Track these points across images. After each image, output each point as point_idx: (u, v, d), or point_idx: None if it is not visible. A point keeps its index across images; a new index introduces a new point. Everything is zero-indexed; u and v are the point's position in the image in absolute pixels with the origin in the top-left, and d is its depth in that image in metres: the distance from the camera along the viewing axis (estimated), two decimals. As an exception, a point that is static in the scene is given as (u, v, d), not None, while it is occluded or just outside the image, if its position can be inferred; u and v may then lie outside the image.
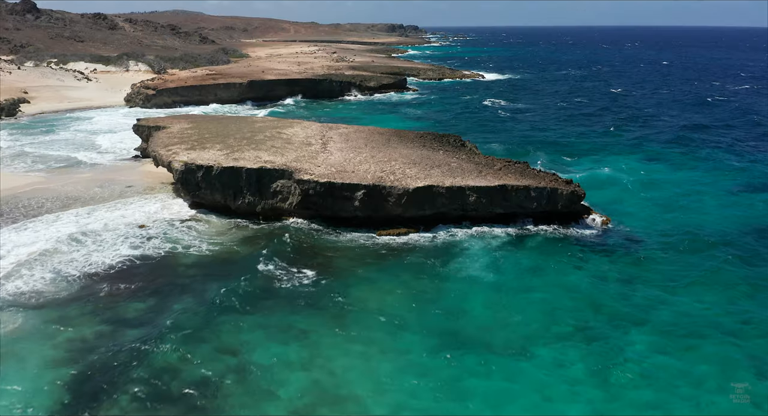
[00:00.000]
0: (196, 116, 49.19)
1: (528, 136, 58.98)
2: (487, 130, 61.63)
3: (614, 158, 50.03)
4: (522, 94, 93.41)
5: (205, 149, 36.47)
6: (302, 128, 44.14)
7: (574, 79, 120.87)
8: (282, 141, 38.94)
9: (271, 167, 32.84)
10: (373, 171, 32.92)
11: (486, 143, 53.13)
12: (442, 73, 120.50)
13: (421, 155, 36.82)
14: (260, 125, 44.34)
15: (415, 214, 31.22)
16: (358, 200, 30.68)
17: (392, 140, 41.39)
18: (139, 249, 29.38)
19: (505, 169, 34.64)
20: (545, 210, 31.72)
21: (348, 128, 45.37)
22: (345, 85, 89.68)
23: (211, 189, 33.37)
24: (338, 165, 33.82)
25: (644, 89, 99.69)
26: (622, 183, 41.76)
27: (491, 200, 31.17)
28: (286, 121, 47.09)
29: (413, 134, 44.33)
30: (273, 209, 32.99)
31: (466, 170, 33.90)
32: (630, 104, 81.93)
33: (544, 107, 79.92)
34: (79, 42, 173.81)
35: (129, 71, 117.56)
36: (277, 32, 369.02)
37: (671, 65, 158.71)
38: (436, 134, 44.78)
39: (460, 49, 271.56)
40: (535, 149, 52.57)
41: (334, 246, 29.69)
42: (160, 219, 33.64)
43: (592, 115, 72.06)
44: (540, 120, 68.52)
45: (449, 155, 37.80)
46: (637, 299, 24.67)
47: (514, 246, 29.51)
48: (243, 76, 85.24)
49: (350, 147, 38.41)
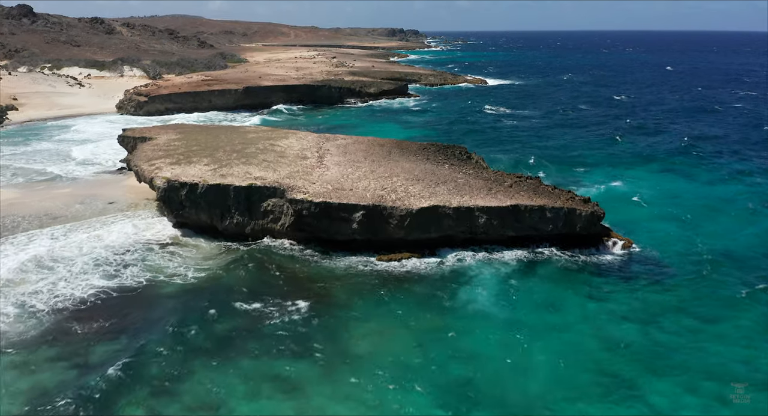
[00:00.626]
0: (185, 126, 46.51)
1: (535, 145, 56.24)
2: (492, 139, 58.92)
3: (626, 169, 47.28)
4: (526, 101, 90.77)
5: (191, 163, 33.72)
6: (297, 140, 41.41)
7: (577, 84, 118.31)
8: (275, 154, 36.19)
9: (261, 185, 30.07)
10: (373, 189, 30.15)
11: (491, 154, 50.39)
12: (444, 78, 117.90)
13: (424, 170, 34.07)
14: (252, 136, 41.61)
15: (419, 237, 28.45)
16: (356, 222, 27.91)
17: (393, 153, 38.67)
18: (116, 279, 26.54)
19: (516, 186, 31.86)
20: (562, 233, 28.94)
21: (346, 139, 42.65)
22: (344, 92, 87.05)
23: (195, 209, 30.60)
24: (335, 182, 31.05)
25: (650, 96, 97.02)
26: (639, 199, 38.98)
27: (503, 221, 28.39)
28: (281, 131, 44.38)
29: (416, 145, 41.60)
30: (264, 231, 30.22)
31: (475, 187, 31.13)
32: (637, 111, 79.25)
33: (549, 114, 77.22)
34: (75, 46, 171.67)
35: (123, 77, 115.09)
36: (276, 37, 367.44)
37: (675, 71, 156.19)
38: (440, 145, 42.05)
39: (461, 53, 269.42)
40: (544, 161, 49.84)
41: (330, 274, 26.88)
42: (141, 242, 30.85)
43: (599, 123, 69.29)
44: (546, 128, 65.79)
45: (455, 169, 35.05)
46: (665, 339, 21.91)
47: (527, 275, 26.69)
48: (239, 83, 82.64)
49: (348, 161, 35.67)
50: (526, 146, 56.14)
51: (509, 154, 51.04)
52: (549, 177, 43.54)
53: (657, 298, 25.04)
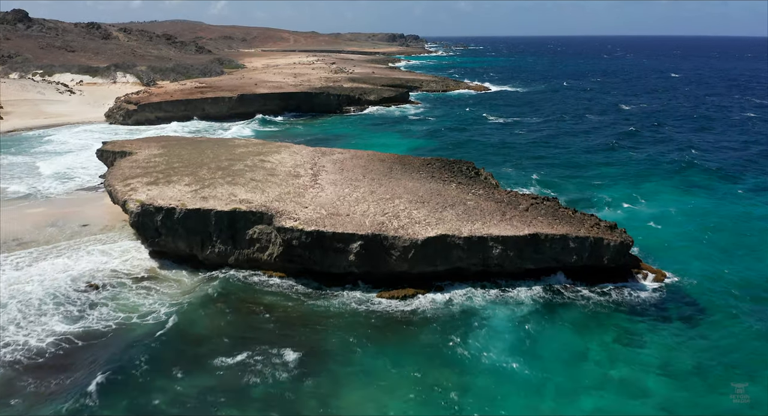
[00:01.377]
0: (169, 139, 43.18)
1: (543, 158, 52.87)
2: (498, 151, 55.56)
3: (642, 184, 43.89)
4: (530, 109, 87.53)
5: (170, 183, 30.34)
6: (290, 154, 38.07)
7: (581, 91, 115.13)
8: (264, 172, 32.82)
9: (246, 210, 26.69)
10: (373, 214, 26.78)
11: (499, 168, 47.08)
12: (446, 84, 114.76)
13: (430, 190, 30.70)
14: (241, 151, 38.27)
15: (424, 270, 25.05)
16: (353, 254, 24.51)
17: (395, 169, 35.33)
18: (81, 322, 23.14)
19: (533, 209, 28.48)
20: (587, 265, 25.54)
21: (344, 153, 39.32)
22: (343, 99, 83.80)
23: (173, 236, 27.21)
24: (330, 205, 27.68)
25: (657, 104, 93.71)
26: (660, 219, 35.61)
27: (520, 253, 25.00)
28: (273, 145, 41.04)
29: (419, 160, 38.25)
30: (249, 261, 26.82)
31: (487, 210, 27.75)
32: (645, 120, 75.89)
33: (557, 123, 73.90)
34: (70, 52, 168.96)
35: (116, 83, 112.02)
36: (276, 42, 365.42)
37: (680, 77, 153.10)
38: (445, 160, 38.70)
39: (462, 59, 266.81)
40: (554, 176, 46.50)
41: (324, 315, 23.45)
42: (114, 273, 27.46)
43: (608, 133, 65.78)
44: (553, 139, 62.42)
45: (463, 188, 31.69)
46: (711, 401, 18.45)
47: (548, 318, 23.22)
48: (233, 90, 79.40)
49: (345, 179, 32.31)
50: (534, 158, 52.76)
51: (517, 168, 47.67)
52: (561, 194, 40.21)
53: (701, 344, 21.63)
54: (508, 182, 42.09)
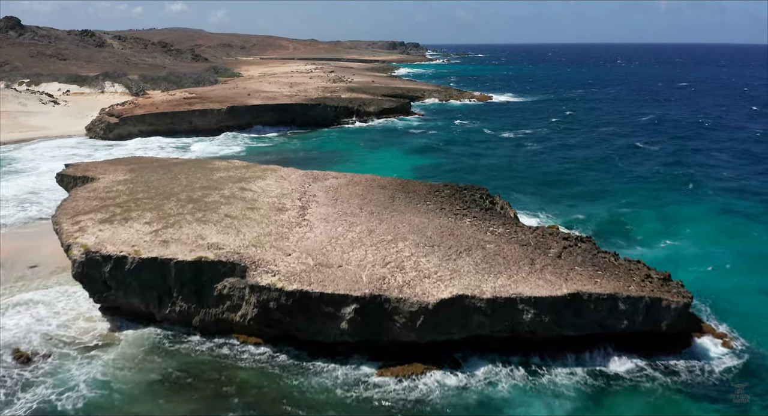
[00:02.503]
0: (141, 161, 38.09)
1: (561, 179, 47.68)
2: (511, 170, 50.41)
3: (684, 213, 38.66)
4: (539, 120, 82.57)
5: (128, 221, 25.21)
6: (277, 180, 32.96)
7: (590, 101, 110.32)
8: (243, 205, 27.69)
9: (214, 259, 21.54)
10: (371, 263, 21.63)
11: (513, 191, 42.00)
12: (449, 94, 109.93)
13: (440, 228, 25.58)
14: (220, 176, 33.16)
15: (436, 339, 19.88)
16: (346, 321, 19.34)
17: (398, 199, 30.22)
18: (7, 410, 17.93)
19: (567, 254, 23.34)
20: (640, 331, 20.36)
21: (338, 178, 34.22)
22: (341, 111, 78.80)
23: (124, 291, 22.05)
24: (318, 252, 22.54)
25: (676, 116, 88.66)
26: (714, 259, 30.38)
27: (558, 317, 19.82)
28: (258, 168, 35.92)
29: (425, 187, 33.15)
30: (218, 323, 21.65)
31: (511, 257, 22.61)
32: (665, 135, 70.83)
33: (569, 137, 68.89)
34: (61, 60, 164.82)
35: (104, 93, 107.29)
36: (275, 50, 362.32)
37: (691, 86, 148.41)
38: (455, 186, 33.59)
39: (462, 67, 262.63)
40: (577, 200, 41.42)
41: (305, 399, 18.24)
42: (56, 337, 22.29)
43: (629, 150, 60.55)
44: (569, 155, 57.34)
45: (479, 225, 26.56)
46: None
47: (596, 411, 17.96)
48: (224, 101, 74.45)
49: (339, 213, 27.19)
50: (549, 179, 47.58)
51: (534, 194, 42.46)
52: (587, 225, 35.11)
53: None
54: (525, 209, 36.98)
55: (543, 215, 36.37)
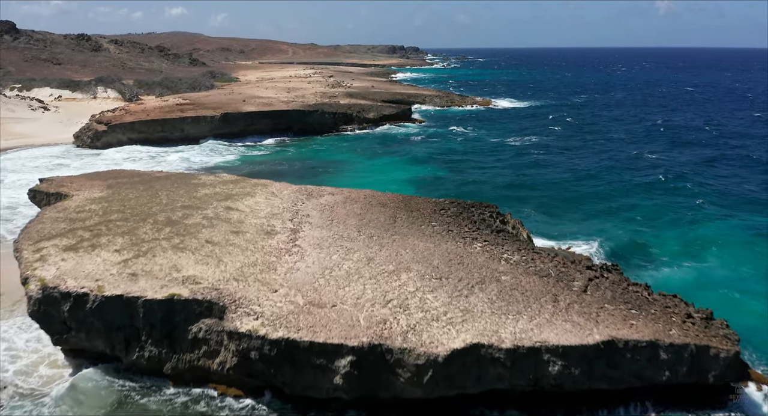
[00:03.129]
0: (121, 175, 35.22)
1: (573, 195, 44.51)
2: (519, 183, 47.50)
3: (709, 234, 35.37)
4: (546, 128, 79.83)
5: (96, 247, 22.33)
6: (267, 197, 30.11)
7: (596, 107, 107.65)
8: (227, 228, 24.84)
9: (189, 297, 18.67)
10: (370, 302, 18.75)
11: (523, 206, 39.18)
12: (450, 100, 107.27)
13: (447, 255, 22.72)
14: (206, 193, 30.31)
15: (447, 394, 16.99)
16: (341, 375, 16.44)
17: (400, 219, 27.38)
18: None
19: (594, 288, 20.47)
20: (684, 383, 17.48)
21: (335, 195, 31.38)
22: (339, 117, 76.08)
23: (86, 332, 19.15)
24: (309, 287, 19.66)
25: (682, 122, 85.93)
26: (753, 288, 27.51)
27: (589, 369, 16.92)
28: (247, 183, 33.07)
29: (430, 204, 30.31)
30: (193, 370, 18.73)
31: (531, 292, 19.74)
32: (679, 143, 68.11)
33: (576, 146, 66.11)
34: (56, 65, 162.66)
35: (96, 99, 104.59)
36: (274, 54, 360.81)
37: (695, 91, 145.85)
38: (461, 203, 30.77)
39: (463, 71, 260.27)
40: (591, 216, 38.61)
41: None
42: (14, 387, 19.40)
43: (644, 160, 57.65)
44: (581, 166, 54.43)
45: (492, 251, 23.70)
46: None
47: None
48: (218, 107, 71.68)
49: (335, 237, 24.34)
50: (561, 192, 44.73)
51: (544, 209, 39.59)
52: (604, 243, 32.27)
53: None
54: (537, 228, 34.07)
55: (557, 234, 33.50)
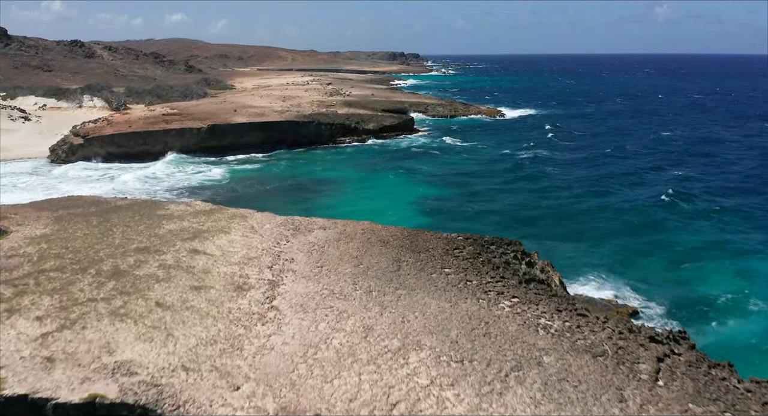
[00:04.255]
0: (77, 203, 30.08)
1: (603, 224, 39.54)
2: (537, 207, 42.48)
3: (753, 263, 30.79)
4: (558, 141, 74.96)
5: (14, 313, 17.15)
6: (244, 233, 24.98)
7: (608, 117, 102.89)
8: (188, 282, 19.69)
9: (115, 401, 13.52)
10: (369, 406, 13.58)
11: (545, 239, 34.13)
12: (454, 108, 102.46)
13: (468, 320, 17.57)
14: (170, 229, 25.18)
15: None
16: None
17: (405, 263, 22.26)
18: None
19: (666, 373, 15.31)
20: None
21: (327, 229, 26.26)
22: (336, 129, 71.17)
23: (-23, 445, 14.01)
24: (285, 380, 14.49)
25: (706, 134, 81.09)
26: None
27: None
28: (222, 214, 27.93)
29: (440, 241, 25.18)
30: None
31: (585, 384, 14.57)
32: (713, 162, 63.17)
33: (596, 163, 61.10)
34: (46, 72, 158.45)
35: (82, 107, 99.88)
36: (273, 60, 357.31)
37: (709, 99, 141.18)
38: (478, 239, 25.62)
39: (465, 78, 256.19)
40: (630, 256, 33.52)
41: None
42: None
43: (680, 184, 51.24)
44: (604, 190, 49.04)
45: (524, 313, 18.53)
46: None
47: None
48: (206, 118, 66.76)
49: (323, 295, 19.21)
50: (588, 222, 39.76)
51: (574, 240, 34.56)
52: (652, 295, 27.16)
53: None
54: (567, 269, 28.96)
55: (593, 278, 28.40)
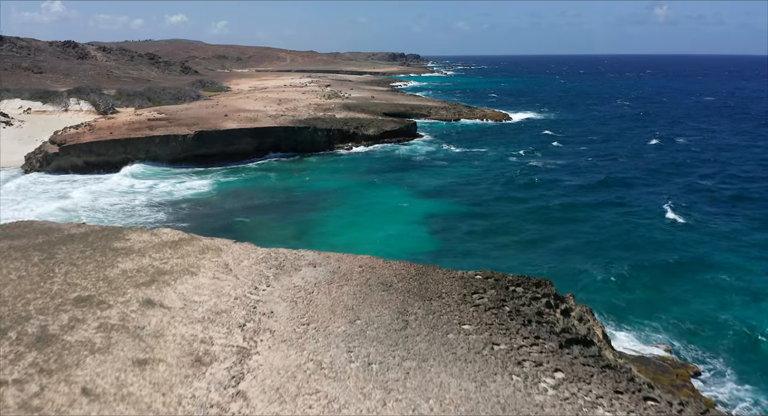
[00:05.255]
0: (23, 231, 25.47)
1: (632, 252, 34.67)
2: (558, 227, 37.73)
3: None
4: (572, 147, 70.27)
5: None
6: (215, 274, 20.31)
7: (620, 121, 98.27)
8: (132, 352, 15.05)
9: None
10: None
11: (571, 264, 29.52)
12: (458, 112, 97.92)
13: (500, 408, 12.99)
14: (125, 268, 20.52)
15: None
16: None
17: (414, 318, 17.61)
18: None
19: None
20: None
21: (317, 266, 21.58)
22: (334, 134, 66.59)
23: None
24: None
25: (718, 141, 76.54)
26: None
27: None
28: (193, 247, 23.25)
29: (456, 283, 20.49)
30: None
31: None
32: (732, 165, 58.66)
33: (618, 172, 56.32)
34: (37, 73, 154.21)
35: (68, 111, 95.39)
36: (272, 61, 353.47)
37: (719, 101, 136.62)
38: (500, 279, 20.91)
39: (466, 79, 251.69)
40: (673, 292, 28.71)
41: None
42: None
43: (711, 199, 47.54)
44: (630, 208, 44.32)
45: (574, 397, 13.93)
46: None
47: None
48: (194, 124, 62.14)
49: (307, 370, 14.55)
50: (612, 239, 34.99)
51: (600, 267, 29.83)
52: (711, 350, 22.53)
53: None
54: (602, 308, 24.34)
55: (634, 326, 23.71)
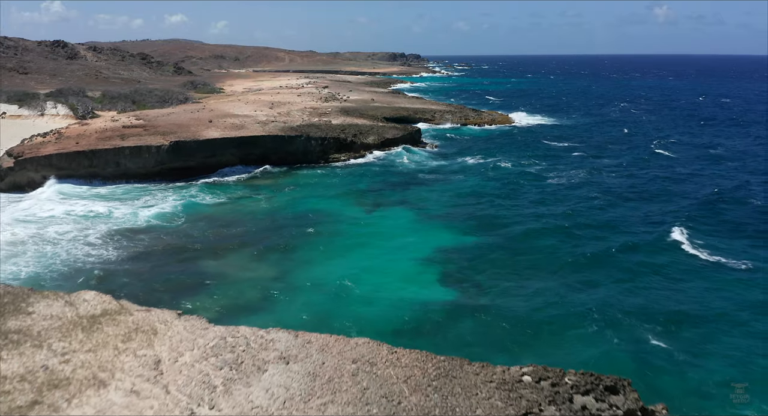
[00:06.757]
0: None
1: (687, 290, 28.40)
2: (593, 257, 31.08)
3: None
4: (592, 158, 63.53)
5: None
6: (133, 389, 13.23)
7: (638, 125, 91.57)
8: None
9: None
10: None
11: (628, 318, 22.81)
12: (464, 116, 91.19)
13: None
14: (3, 377, 13.83)
15: None
16: None
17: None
18: None
19: None
20: None
21: (291, 361, 14.45)
22: (329, 144, 59.84)
23: None
24: None
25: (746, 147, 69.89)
26: None
27: None
28: (115, 328, 16.23)
29: (498, 392, 13.62)
30: None
31: None
32: None
33: (651, 190, 49.78)
34: (21, 74, 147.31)
35: (44, 116, 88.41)
36: (270, 61, 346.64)
37: (736, 103, 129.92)
38: (560, 382, 13.99)
39: (469, 80, 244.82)
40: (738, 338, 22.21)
41: None
42: None
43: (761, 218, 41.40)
44: (670, 230, 37.98)
45: None
46: None
47: None
48: (172, 132, 55.32)
49: None
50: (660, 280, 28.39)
51: (664, 327, 23.17)
52: None
53: None
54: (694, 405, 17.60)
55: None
